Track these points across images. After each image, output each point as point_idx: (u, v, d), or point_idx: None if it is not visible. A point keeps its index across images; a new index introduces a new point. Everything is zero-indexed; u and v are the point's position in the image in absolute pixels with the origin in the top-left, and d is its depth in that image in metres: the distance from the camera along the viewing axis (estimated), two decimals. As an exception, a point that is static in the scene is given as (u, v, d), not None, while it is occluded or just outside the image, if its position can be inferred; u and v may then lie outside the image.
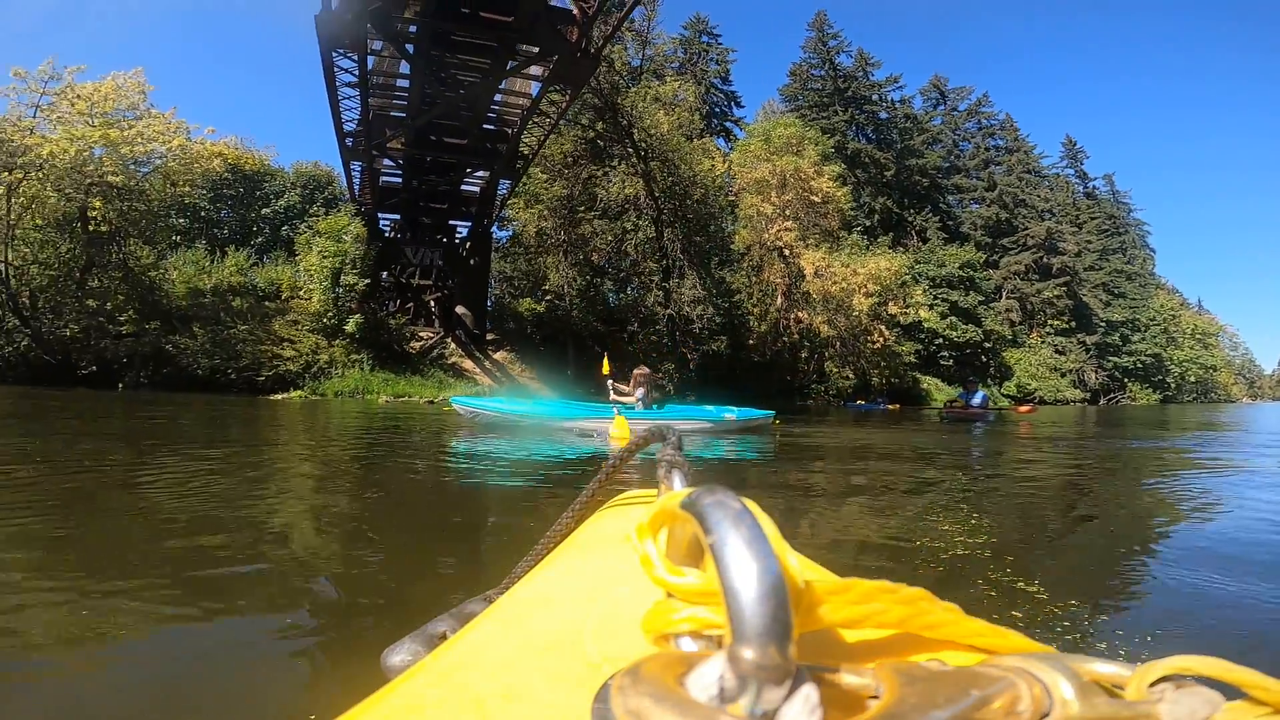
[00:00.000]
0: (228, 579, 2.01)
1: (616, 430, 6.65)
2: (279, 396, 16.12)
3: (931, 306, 35.03)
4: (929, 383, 34.22)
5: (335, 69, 18.45)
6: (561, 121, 23.05)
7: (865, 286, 28.08)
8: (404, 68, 20.12)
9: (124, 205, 18.81)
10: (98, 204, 18.18)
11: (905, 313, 29.85)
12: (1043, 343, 45.11)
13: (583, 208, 27.27)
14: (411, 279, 25.43)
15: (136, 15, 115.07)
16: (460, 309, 24.75)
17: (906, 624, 0.25)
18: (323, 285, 19.67)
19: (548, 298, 27.82)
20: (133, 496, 3.32)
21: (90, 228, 18.33)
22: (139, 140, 18.83)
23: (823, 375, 29.74)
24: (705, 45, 42.78)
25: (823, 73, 46.43)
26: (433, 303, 25.31)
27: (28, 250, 17.80)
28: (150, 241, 20.23)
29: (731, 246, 28.73)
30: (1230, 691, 0.23)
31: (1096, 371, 47.05)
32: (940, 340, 36.55)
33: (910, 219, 44.33)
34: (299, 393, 16.76)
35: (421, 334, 23.45)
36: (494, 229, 27.92)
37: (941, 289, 37.99)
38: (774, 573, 0.20)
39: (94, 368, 16.39)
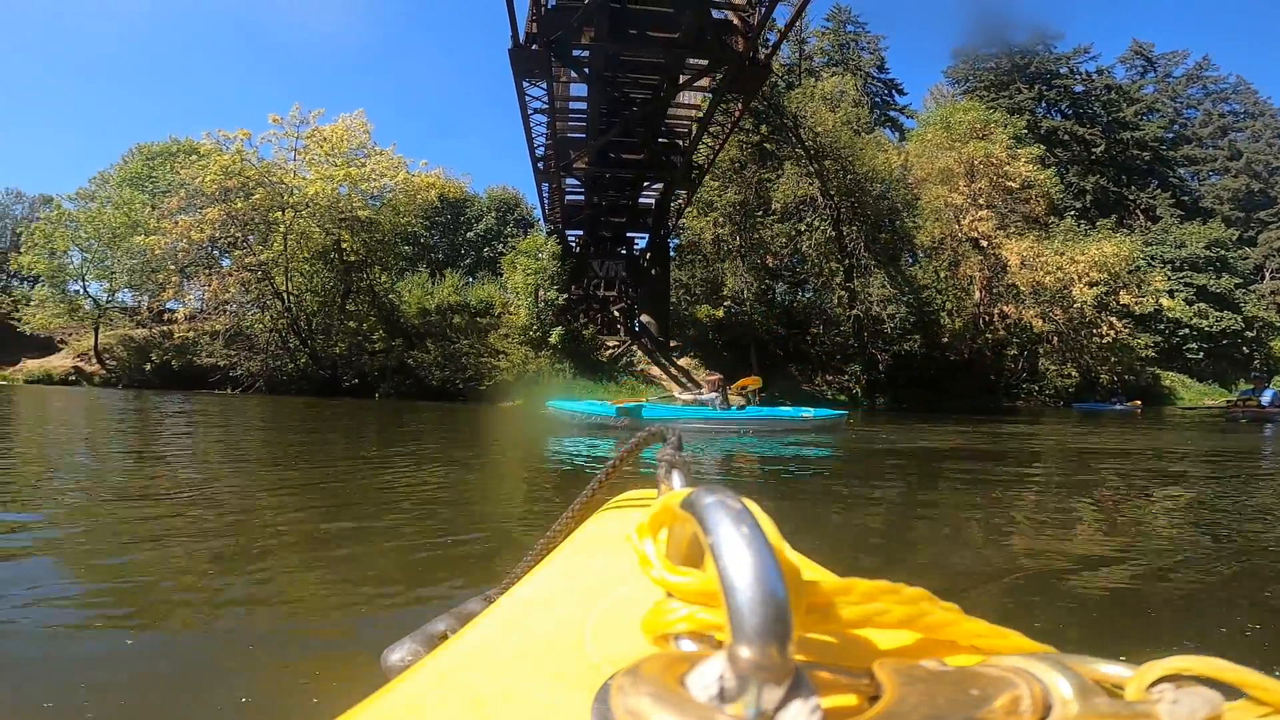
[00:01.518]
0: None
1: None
2: (507, 404, 17.45)
3: (1173, 293, 29.96)
4: (1172, 379, 29.34)
5: (526, 97, 20.07)
6: (734, 129, 23.13)
7: (1087, 274, 25.39)
8: (573, 90, 21.30)
9: (367, 236, 21.52)
10: (347, 236, 20.94)
11: (1140, 302, 26.01)
12: (1325, 329, 36.61)
13: (759, 212, 27.11)
14: (596, 290, 26.60)
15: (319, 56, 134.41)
16: (645, 317, 25.46)
17: (907, 624, 0.25)
18: (527, 301, 21.08)
19: (725, 303, 27.84)
20: (368, 484, 4.01)
21: (344, 258, 21.21)
22: (373, 176, 21.49)
23: (1035, 373, 26.81)
24: (853, 35, 40.85)
25: (994, 50, 43.37)
26: (617, 312, 26.29)
27: (301, 280, 20.87)
28: (386, 268, 23.00)
29: (915, 241, 27.00)
30: (1230, 692, 0.23)
31: (1404, 362, 37.31)
32: (1186, 330, 31.08)
33: (1131, 197, 38.56)
34: (520, 400, 18.00)
35: (609, 343, 24.37)
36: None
37: (1184, 272, 32.32)
38: (773, 573, 0.20)
39: (356, 380, 18.87)
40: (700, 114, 22.03)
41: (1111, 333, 25.30)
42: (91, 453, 5.31)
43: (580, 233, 27.74)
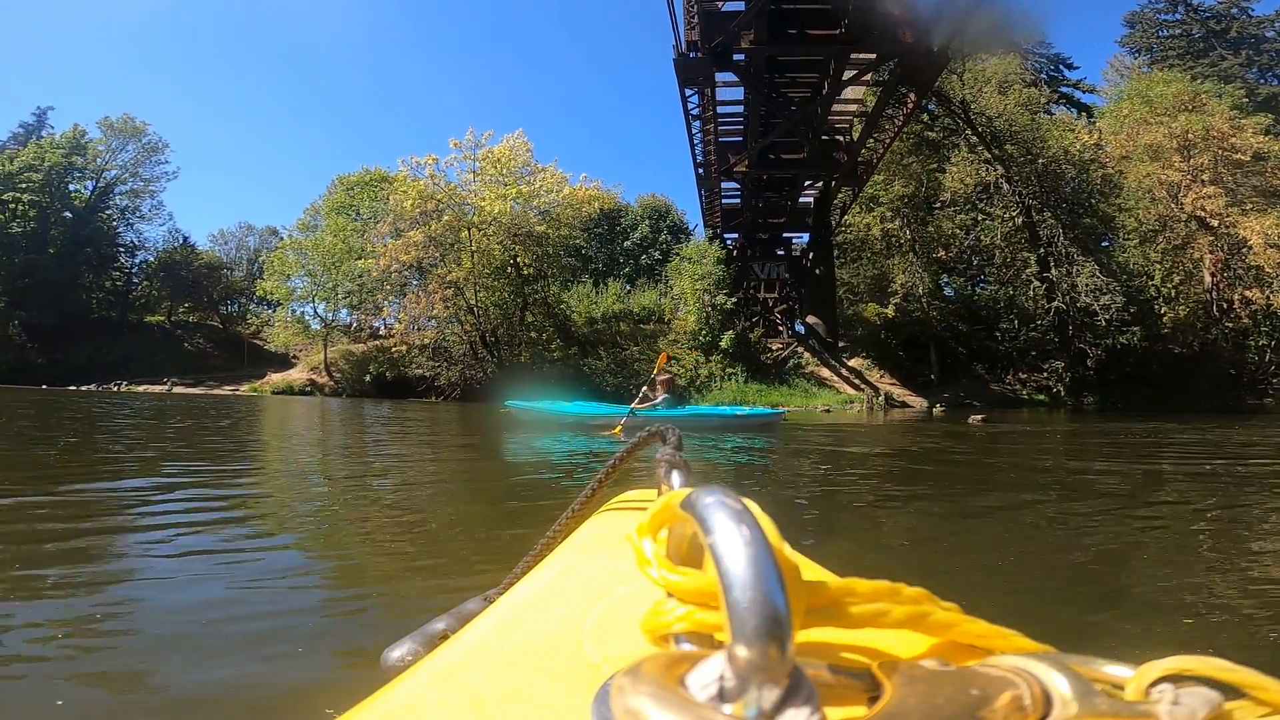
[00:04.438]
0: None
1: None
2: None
3: None
4: None
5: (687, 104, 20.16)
6: (902, 122, 21.72)
7: (1352, 252, 21.77)
8: (721, 94, 20.86)
9: (538, 250, 22.62)
10: (521, 251, 22.11)
11: None
12: None
13: (939, 204, 25.35)
14: (757, 292, 26.10)
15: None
16: (811, 318, 24.55)
17: (908, 624, 0.25)
18: (695, 307, 21.06)
19: (894, 300, 26.16)
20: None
21: (520, 272, 22.49)
22: (540, 193, 22.48)
23: (1291, 367, 22.93)
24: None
25: (1178, 16, 39.97)
26: (779, 314, 25.61)
27: (485, 295, 22.36)
28: (555, 280, 24.08)
29: (1114, 224, 24.33)
30: (1230, 692, 0.23)
31: None
32: None
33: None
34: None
35: (772, 345, 23.75)
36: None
37: None
38: (773, 573, 0.20)
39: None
40: (864, 109, 21.02)
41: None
42: (319, 449, 6.20)
43: (736, 236, 27.47)
